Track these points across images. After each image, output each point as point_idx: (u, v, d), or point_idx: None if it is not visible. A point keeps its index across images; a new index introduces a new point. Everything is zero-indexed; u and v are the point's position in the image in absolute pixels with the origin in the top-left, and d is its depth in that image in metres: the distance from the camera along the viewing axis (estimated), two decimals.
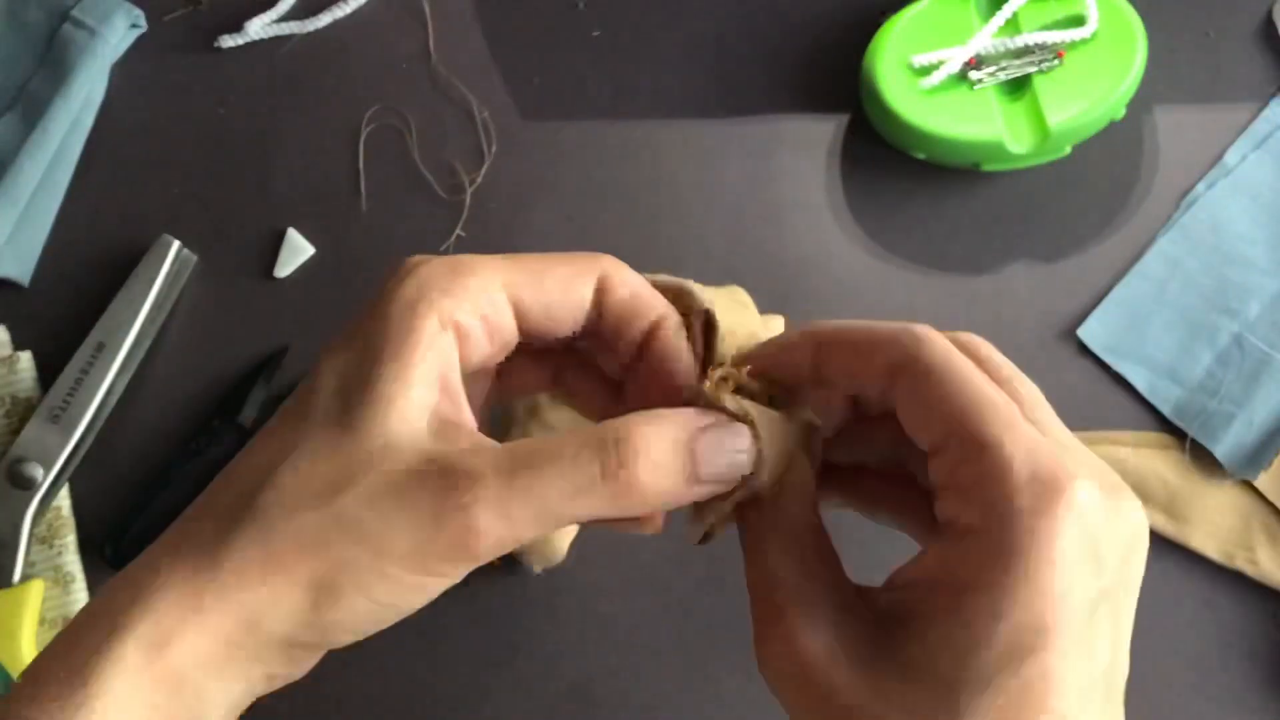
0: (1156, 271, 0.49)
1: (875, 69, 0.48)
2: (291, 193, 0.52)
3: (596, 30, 0.54)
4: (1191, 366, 0.47)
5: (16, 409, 0.48)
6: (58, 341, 0.50)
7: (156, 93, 0.54)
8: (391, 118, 0.53)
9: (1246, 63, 0.51)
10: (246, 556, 0.26)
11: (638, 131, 0.52)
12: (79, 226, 0.52)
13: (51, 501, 0.48)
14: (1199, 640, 0.45)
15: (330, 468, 0.26)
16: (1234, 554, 0.45)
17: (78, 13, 0.53)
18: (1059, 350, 0.48)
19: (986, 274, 0.50)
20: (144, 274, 0.50)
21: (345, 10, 0.54)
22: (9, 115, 0.52)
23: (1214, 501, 0.46)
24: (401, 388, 0.27)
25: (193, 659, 0.25)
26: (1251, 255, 0.48)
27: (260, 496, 0.26)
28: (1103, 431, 0.47)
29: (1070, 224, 0.50)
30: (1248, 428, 0.46)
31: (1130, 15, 0.48)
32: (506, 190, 0.52)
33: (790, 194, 0.51)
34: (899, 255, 0.50)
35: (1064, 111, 0.47)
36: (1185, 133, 0.50)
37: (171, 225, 0.51)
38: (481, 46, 0.54)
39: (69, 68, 0.52)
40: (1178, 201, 0.50)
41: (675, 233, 0.51)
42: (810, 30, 0.53)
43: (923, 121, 0.47)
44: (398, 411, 0.26)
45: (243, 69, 0.54)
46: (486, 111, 0.53)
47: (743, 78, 0.53)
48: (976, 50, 0.48)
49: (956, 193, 0.50)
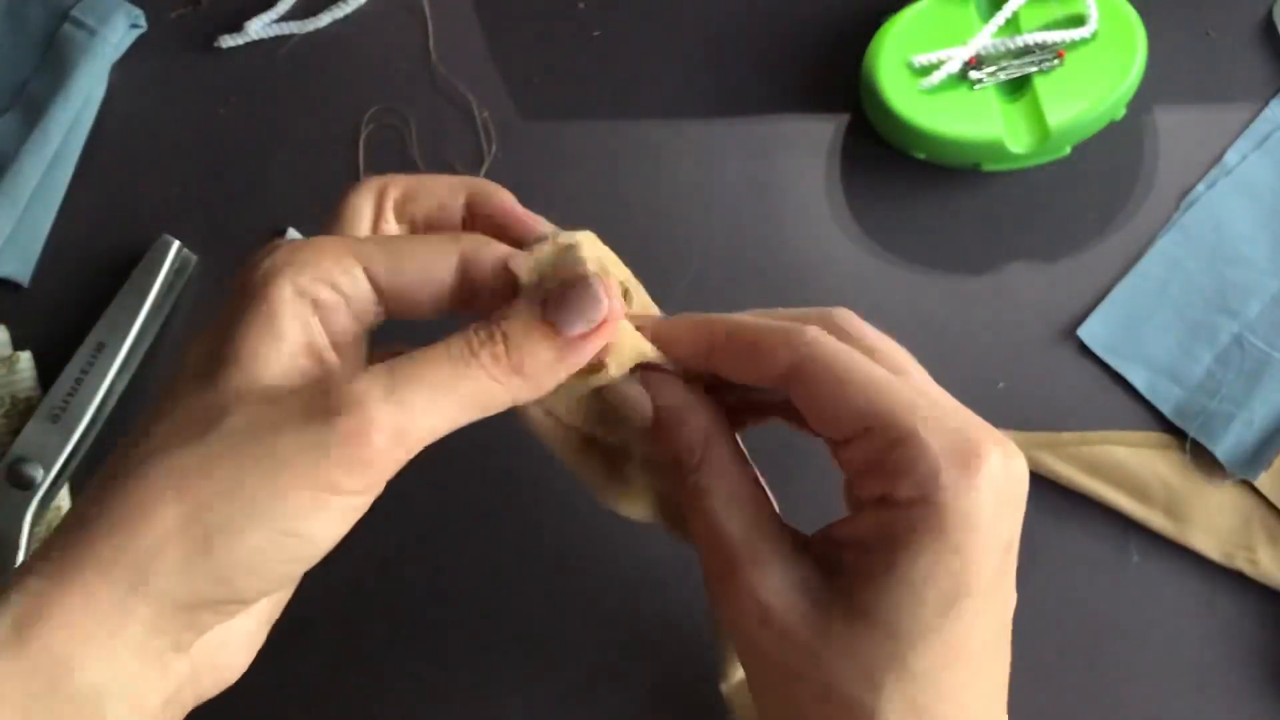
0: (1156, 271, 0.49)
1: (875, 69, 0.48)
2: (291, 193, 0.52)
3: (596, 30, 0.54)
4: (1191, 366, 0.47)
5: (16, 409, 0.48)
6: (58, 341, 0.50)
7: (156, 93, 0.54)
8: (391, 118, 0.53)
9: (1246, 63, 0.51)
10: (117, 512, 0.24)
11: (638, 131, 0.52)
12: (79, 226, 0.52)
13: (51, 501, 0.48)
14: (1199, 640, 0.45)
15: (201, 410, 0.25)
16: (1234, 554, 0.45)
17: (78, 13, 0.53)
18: (1059, 350, 0.48)
19: (986, 274, 0.50)
20: (144, 274, 0.50)
21: (345, 10, 0.54)
22: (9, 115, 0.52)
23: (1214, 501, 0.46)
24: (265, 340, 0.26)
25: (68, 635, 0.23)
26: (1251, 255, 0.48)
27: (130, 454, 0.25)
28: (1103, 431, 0.47)
29: (1070, 224, 0.50)
30: (1248, 428, 0.46)
31: (1130, 15, 0.48)
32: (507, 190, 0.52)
33: (790, 194, 0.51)
34: (899, 255, 0.50)
35: (1064, 111, 0.47)
36: (1185, 133, 0.50)
37: (171, 225, 0.51)
38: (481, 46, 0.54)
39: (69, 67, 0.52)
40: (1178, 201, 0.50)
41: (675, 233, 0.51)
42: (810, 30, 0.53)
43: (923, 121, 0.47)
44: (262, 361, 0.26)
45: (243, 69, 0.54)
46: (486, 111, 0.53)
47: (743, 78, 0.53)
48: (976, 50, 0.48)
49: (956, 193, 0.50)
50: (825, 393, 0.28)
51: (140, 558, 0.24)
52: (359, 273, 0.28)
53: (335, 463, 0.24)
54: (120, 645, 0.24)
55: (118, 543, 0.24)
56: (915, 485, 0.27)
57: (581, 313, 0.28)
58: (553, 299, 0.28)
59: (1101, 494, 0.46)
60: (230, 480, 0.24)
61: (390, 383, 0.26)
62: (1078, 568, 0.46)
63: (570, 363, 0.28)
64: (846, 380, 0.28)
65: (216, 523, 0.24)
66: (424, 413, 0.26)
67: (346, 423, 0.24)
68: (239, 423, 0.25)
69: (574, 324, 0.28)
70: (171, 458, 0.24)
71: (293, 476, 0.24)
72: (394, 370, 0.26)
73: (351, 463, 0.25)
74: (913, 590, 0.27)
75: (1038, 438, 0.47)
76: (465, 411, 0.27)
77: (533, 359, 0.27)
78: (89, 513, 0.24)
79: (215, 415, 0.25)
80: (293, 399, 0.25)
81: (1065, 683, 0.45)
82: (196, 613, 0.25)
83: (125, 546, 0.24)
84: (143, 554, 0.24)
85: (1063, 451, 0.46)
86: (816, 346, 0.28)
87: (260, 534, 0.24)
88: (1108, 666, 0.45)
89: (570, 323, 0.28)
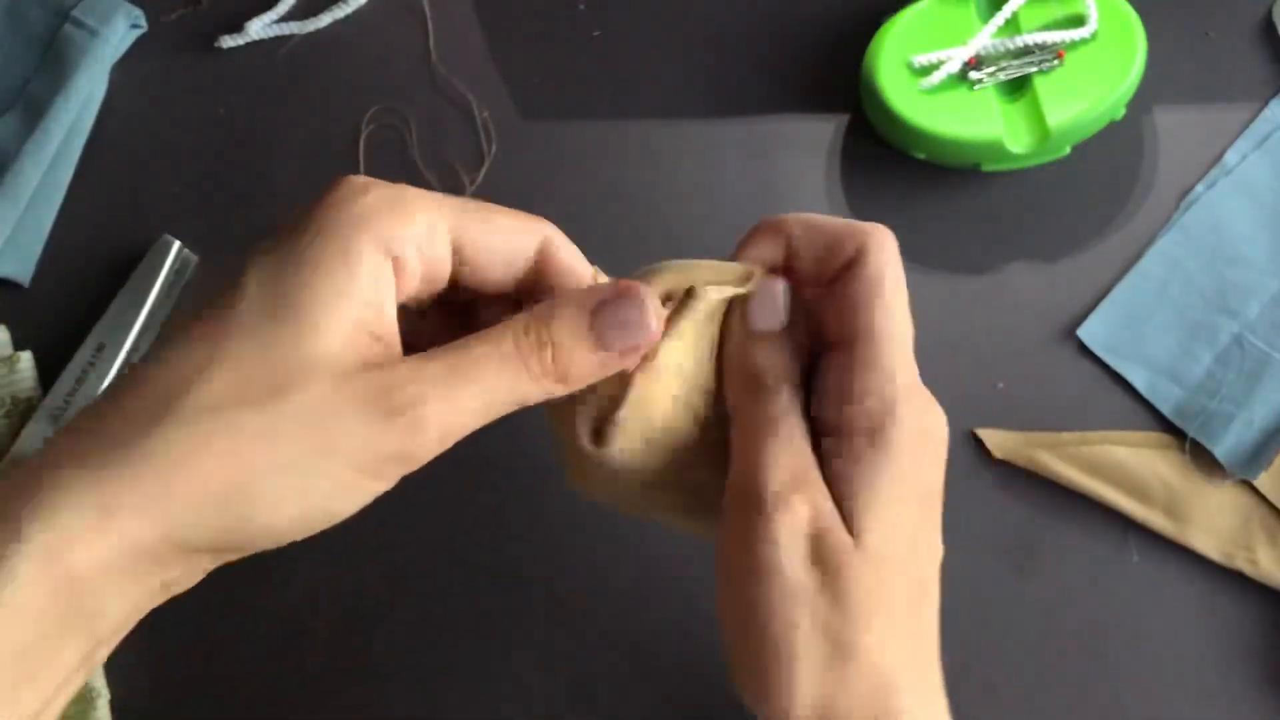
0: (1156, 271, 0.49)
1: (875, 69, 0.48)
2: (291, 193, 0.52)
3: (596, 30, 0.54)
4: (1191, 366, 0.47)
5: (17, 409, 0.49)
6: (58, 341, 0.50)
7: (156, 93, 0.54)
8: (391, 118, 0.53)
9: (1246, 63, 0.51)
10: (170, 459, 0.24)
11: (638, 131, 0.52)
12: (79, 226, 0.52)
13: None
14: (1199, 640, 0.45)
15: (267, 371, 0.25)
16: (1234, 554, 0.45)
17: (78, 13, 0.53)
18: (1059, 350, 0.48)
19: (986, 274, 0.50)
20: (144, 274, 0.50)
21: (345, 10, 0.54)
22: (9, 115, 0.52)
23: (1214, 501, 0.46)
24: (339, 299, 0.26)
25: (94, 566, 0.24)
26: (1251, 255, 0.48)
27: (187, 398, 0.25)
28: (1103, 431, 0.47)
29: (1070, 224, 0.50)
30: (1248, 428, 0.46)
31: (1130, 15, 0.48)
32: (506, 190, 0.52)
33: (790, 194, 0.51)
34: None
35: (1064, 111, 0.47)
36: (1185, 133, 0.50)
37: (171, 225, 0.51)
38: (481, 46, 0.54)
39: (69, 68, 0.52)
40: (1178, 201, 0.50)
41: (675, 233, 0.51)
42: (810, 30, 0.53)
43: (923, 121, 0.47)
44: (333, 322, 0.26)
45: (243, 69, 0.54)
46: (486, 111, 0.53)
47: (743, 78, 0.53)
48: (976, 50, 0.48)
49: (956, 193, 0.50)
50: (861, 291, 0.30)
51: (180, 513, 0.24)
52: (447, 239, 0.28)
53: (387, 457, 0.26)
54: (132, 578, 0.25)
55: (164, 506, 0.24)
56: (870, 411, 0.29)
57: (627, 334, 0.29)
58: (602, 311, 0.28)
59: (1101, 494, 0.46)
60: (285, 457, 0.25)
61: (449, 386, 0.26)
62: (1078, 568, 0.46)
63: (607, 371, 0.29)
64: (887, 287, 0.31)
65: (261, 493, 0.25)
66: (470, 412, 0.27)
67: (405, 423, 0.26)
68: (304, 400, 0.25)
69: (617, 341, 0.29)
70: (232, 418, 0.25)
71: (344, 462, 0.25)
72: (453, 370, 0.26)
73: (401, 458, 0.26)
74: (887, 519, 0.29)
75: (1038, 438, 0.47)
76: (505, 409, 0.28)
77: (577, 367, 0.28)
78: (136, 442, 0.24)
79: (280, 384, 0.25)
80: (357, 386, 0.26)
81: (1065, 683, 0.45)
82: (198, 558, 0.26)
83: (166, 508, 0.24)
84: (182, 511, 0.24)
85: (1063, 451, 0.46)
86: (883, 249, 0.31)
87: (298, 507, 0.25)
88: (1108, 666, 0.45)
89: (614, 340, 0.29)
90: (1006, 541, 0.46)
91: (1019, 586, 0.46)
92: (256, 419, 0.25)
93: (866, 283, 0.31)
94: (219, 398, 0.25)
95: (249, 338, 0.26)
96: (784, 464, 0.29)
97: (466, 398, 0.27)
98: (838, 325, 0.31)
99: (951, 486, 0.31)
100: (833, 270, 0.31)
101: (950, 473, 0.31)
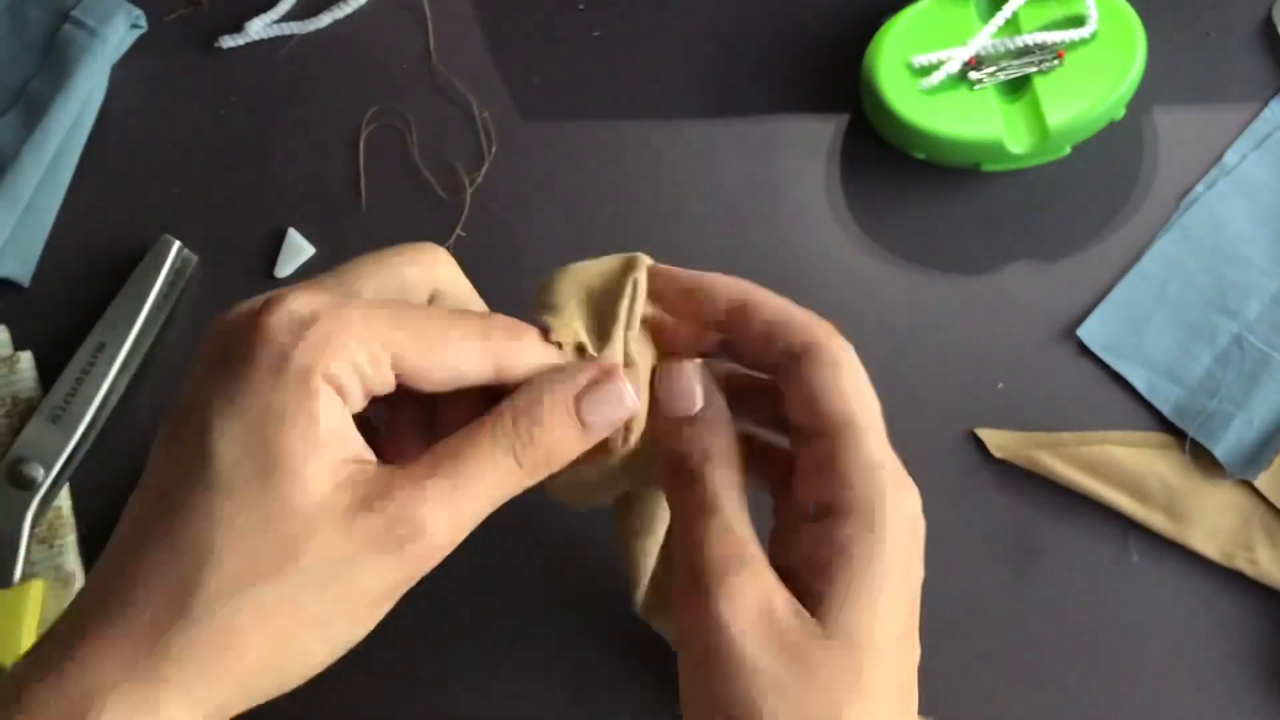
0: (1156, 271, 0.49)
1: (875, 69, 0.48)
2: (291, 193, 0.52)
3: (596, 30, 0.54)
4: (1191, 366, 0.47)
5: (17, 409, 0.49)
6: (58, 341, 0.50)
7: (156, 93, 0.54)
8: (391, 118, 0.53)
9: (1246, 63, 0.51)
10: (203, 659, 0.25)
11: (638, 131, 0.52)
12: (79, 226, 0.52)
13: (52, 501, 0.48)
14: (1199, 640, 0.45)
15: (271, 540, 0.26)
16: (1234, 554, 0.45)
17: (78, 13, 0.53)
18: (1059, 350, 0.48)
19: (986, 274, 0.50)
20: (144, 274, 0.50)
21: (345, 10, 0.54)
22: (9, 115, 0.52)
23: (1214, 501, 0.46)
24: (318, 450, 0.26)
25: None
26: (1251, 255, 0.48)
27: (201, 591, 0.25)
28: (1102, 431, 0.47)
29: (1070, 224, 0.50)
30: (1248, 428, 0.46)
31: (1130, 15, 0.48)
32: (506, 190, 0.52)
33: (790, 194, 0.51)
34: (899, 255, 0.50)
35: (1064, 112, 0.47)
36: (1185, 133, 0.50)
37: (171, 225, 0.51)
38: (481, 46, 0.54)
39: (69, 68, 0.52)
40: (1178, 201, 0.50)
41: (675, 233, 0.51)
42: (810, 30, 0.53)
43: (923, 121, 0.47)
44: (318, 471, 0.26)
45: (243, 69, 0.54)
46: (486, 111, 0.53)
47: (743, 78, 0.53)
48: (976, 50, 0.48)
49: (956, 193, 0.50)
50: (826, 380, 0.30)
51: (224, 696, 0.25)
52: (387, 362, 0.28)
53: (402, 583, 0.27)
54: None
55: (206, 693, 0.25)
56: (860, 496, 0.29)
57: (609, 413, 0.30)
58: (584, 398, 0.30)
59: (1101, 494, 0.46)
60: (309, 617, 0.26)
61: (451, 501, 0.27)
62: (1078, 568, 0.46)
63: (590, 445, 0.30)
64: (846, 377, 0.30)
65: (293, 653, 0.26)
66: (473, 515, 0.28)
67: (415, 550, 0.27)
68: (315, 559, 0.26)
69: (602, 423, 0.30)
70: (251, 597, 0.25)
71: (363, 601, 0.27)
72: (452, 486, 0.27)
73: (413, 578, 0.28)
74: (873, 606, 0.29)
75: (1038, 438, 0.47)
76: (501, 503, 0.29)
77: (566, 452, 0.30)
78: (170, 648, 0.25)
79: (289, 549, 0.26)
80: (362, 527, 0.26)
81: (1065, 683, 0.45)
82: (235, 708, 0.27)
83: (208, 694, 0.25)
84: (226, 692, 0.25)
85: (1063, 451, 0.46)
86: (839, 339, 0.31)
87: (326, 651, 0.27)
88: (1108, 666, 0.45)
89: (599, 423, 0.30)
90: (1006, 541, 0.46)
91: (1019, 586, 0.46)
92: (275, 590, 0.26)
93: (829, 369, 0.31)
94: (234, 580, 0.25)
95: (242, 510, 0.26)
96: (723, 543, 0.30)
97: (468, 504, 0.28)
98: (805, 412, 0.31)
99: (951, 486, 0.31)
100: (776, 356, 0.32)
101: (950, 472, 0.31)
